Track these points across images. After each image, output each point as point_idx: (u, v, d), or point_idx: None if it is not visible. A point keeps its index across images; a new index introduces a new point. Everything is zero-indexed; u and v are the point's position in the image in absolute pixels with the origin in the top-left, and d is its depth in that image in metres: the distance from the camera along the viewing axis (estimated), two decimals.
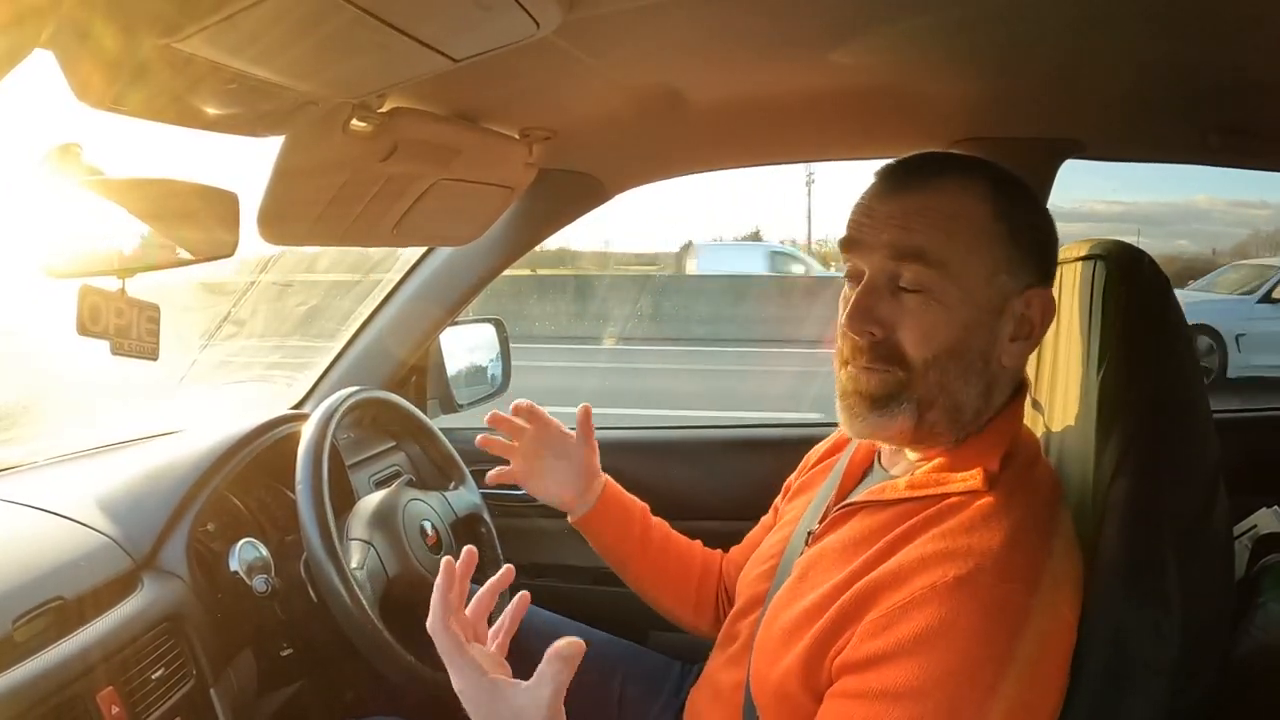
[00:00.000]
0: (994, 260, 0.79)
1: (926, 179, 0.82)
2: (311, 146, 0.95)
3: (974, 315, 0.79)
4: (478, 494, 1.33)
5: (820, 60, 1.04)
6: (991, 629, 0.70)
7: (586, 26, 0.86)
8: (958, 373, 0.80)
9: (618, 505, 1.20)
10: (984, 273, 0.79)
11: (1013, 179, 0.85)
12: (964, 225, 0.79)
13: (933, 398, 0.80)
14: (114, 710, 0.90)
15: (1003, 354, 0.81)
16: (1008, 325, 0.81)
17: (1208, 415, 0.83)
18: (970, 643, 0.70)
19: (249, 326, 2.97)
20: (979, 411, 0.82)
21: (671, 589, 1.21)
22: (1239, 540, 1.18)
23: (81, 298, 0.77)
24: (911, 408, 0.81)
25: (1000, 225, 0.80)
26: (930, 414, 0.81)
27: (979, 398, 0.81)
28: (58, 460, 1.33)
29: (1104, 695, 0.76)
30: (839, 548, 0.85)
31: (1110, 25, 0.93)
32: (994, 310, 0.80)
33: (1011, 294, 0.80)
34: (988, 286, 0.79)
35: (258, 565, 1.12)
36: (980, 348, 0.80)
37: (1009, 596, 0.72)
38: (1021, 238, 0.81)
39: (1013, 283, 0.80)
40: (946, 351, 0.79)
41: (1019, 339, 0.82)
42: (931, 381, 0.80)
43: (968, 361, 0.80)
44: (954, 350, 0.79)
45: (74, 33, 0.58)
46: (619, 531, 1.19)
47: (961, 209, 0.80)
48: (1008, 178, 0.84)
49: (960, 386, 0.80)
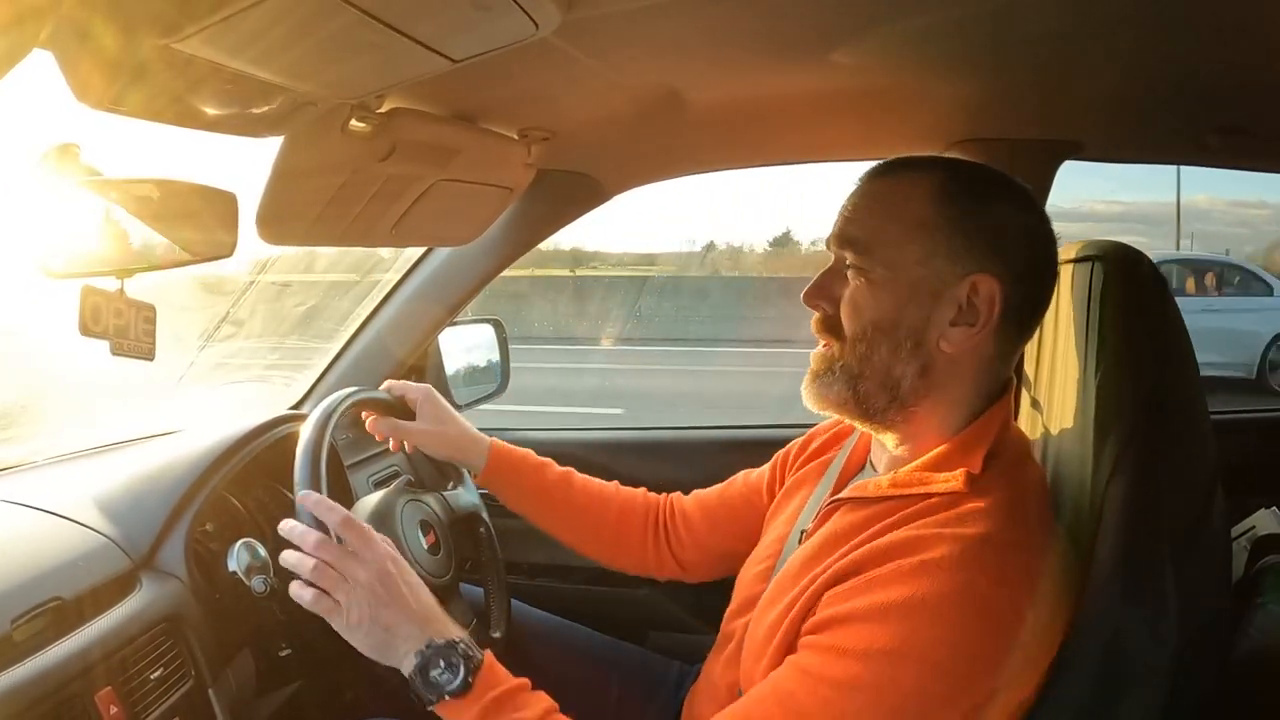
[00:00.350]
0: (931, 244, 0.82)
1: (880, 176, 0.88)
2: (310, 147, 0.95)
3: (903, 293, 0.83)
4: (476, 494, 1.33)
5: (819, 61, 1.04)
6: (949, 612, 0.72)
7: (585, 27, 0.86)
8: (886, 347, 0.84)
9: (507, 464, 1.24)
10: (918, 254, 0.82)
11: (983, 177, 0.87)
12: (900, 212, 0.84)
13: (861, 369, 0.85)
14: (112, 710, 0.90)
15: (940, 337, 0.83)
16: (947, 309, 0.82)
17: (1206, 416, 0.83)
18: (925, 621, 0.72)
19: (247, 327, 2.96)
20: (920, 392, 0.84)
21: (584, 534, 1.26)
22: (1237, 541, 1.18)
23: (84, 298, 0.77)
24: (844, 378, 0.86)
25: (943, 213, 0.83)
26: (862, 385, 0.85)
27: (916, 377, 0.84)
28: (56, 460, 1.33)
29: (1101, 696, 0.76)
30: (820, 543, 0.86)
31: (1109, 27, 0.93)
32: (929, 292, 0.82)
33: (950, 278, 0.82)
34: (920, 268, 0.82)
35: (256, 565, 1.12)
36: (911, 325, 0.83)
37: (973, 585, 0.73)
38: (971, 226, 0.82)
39: (951, 267, 0.82)
40: (874, 325, 0.84)
41: (961, 324, 0.82)
42: (860, 353, 0.84)
43: (896, 338, 0.83)
44: (880, 325, 0.83)
45: (73, 33, 0.58)
46: (514, 487, 1.24)
47: (903, 199, 0.85)
48: (975, 175, 0.87)
49: (891, 361, 0.84)
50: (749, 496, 1.19)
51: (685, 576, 1.25)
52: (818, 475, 1.06)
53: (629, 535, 1.25)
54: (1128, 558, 0.77)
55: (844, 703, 0.73)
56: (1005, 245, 0.83)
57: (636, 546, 1.25)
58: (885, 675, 0.72)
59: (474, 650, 0.86)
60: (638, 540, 1.24)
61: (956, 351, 0.83)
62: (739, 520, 1.17)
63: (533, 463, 1.25)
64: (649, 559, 1.25)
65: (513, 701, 0.85)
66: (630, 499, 1.27)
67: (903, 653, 0.72)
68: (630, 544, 1.25)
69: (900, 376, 0.84)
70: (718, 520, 1.21)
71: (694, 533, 1.22)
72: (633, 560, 1.26)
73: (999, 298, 0.81)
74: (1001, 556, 0.75)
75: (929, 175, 0.85)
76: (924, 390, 0.84)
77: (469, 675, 0.84)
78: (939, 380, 0.84)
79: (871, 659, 0.73)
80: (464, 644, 0.86)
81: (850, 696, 0.73)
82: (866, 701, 0.73)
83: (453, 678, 0.84)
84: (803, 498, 1.05)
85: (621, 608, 1.69)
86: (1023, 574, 0.75)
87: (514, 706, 0.85)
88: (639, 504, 1.26)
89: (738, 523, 1.17)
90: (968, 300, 0.82)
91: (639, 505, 1.26)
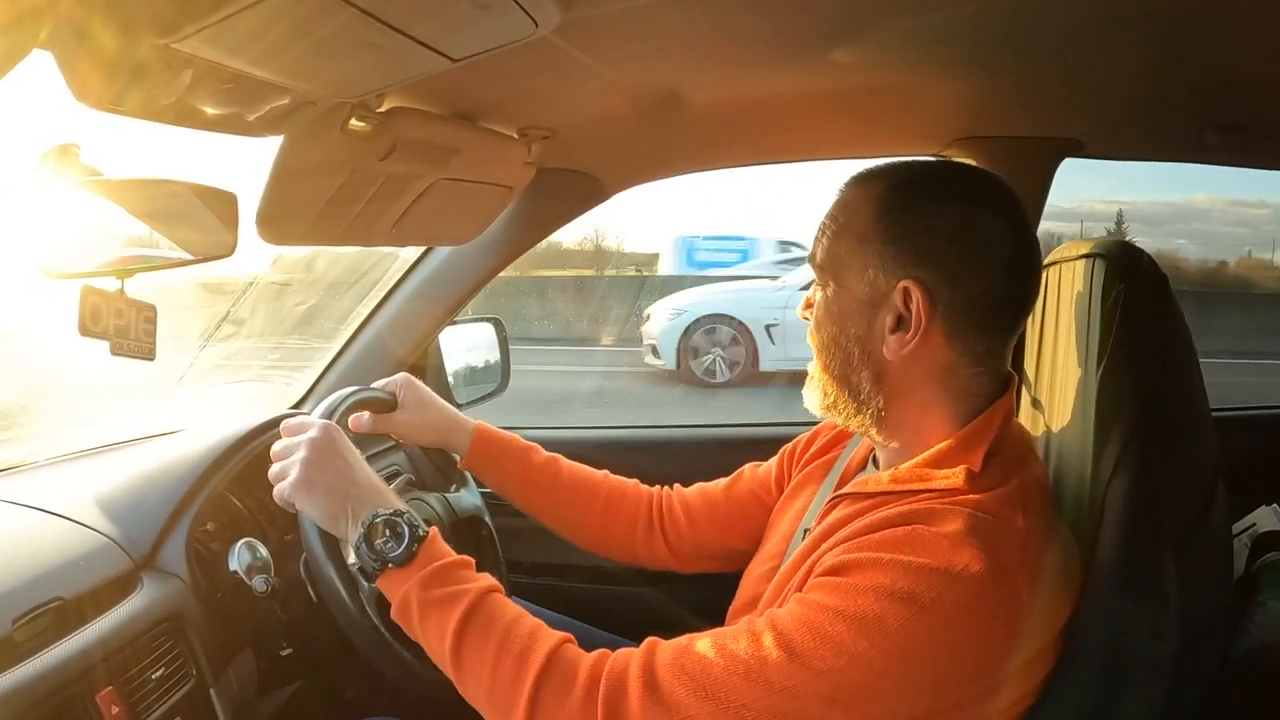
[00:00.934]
0: (866, 256, 0.84)
1: (842, 191, 0.90)
2: (310, 146, 0.95)
3: (849, 307, 0.86)
4: (478, 495, 1.33)
5: (819, 60, 1.04)
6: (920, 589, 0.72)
7: (584, 26, 0.86)
8: (840, 358, 0.87)
9: (493, 447, 1.24)
10: (858, 268, 0.85)
11: (923, 179, 0.87)
12: (846, 228, 0.87)
13: (827, 378, 0.89)
14: (114, 710, 0.90)
15: (882, 345, 0.84)
16: (885, 318, 0.84)
17: (1207, 413, 0.83)
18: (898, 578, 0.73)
19: (248, 326, 2.96)
20: (877, 397, 0.86)
21: (571, 519, 1.26)
22: (1238, 538, 1.18)
23: (83, 298, 0.77)
24: (818, 384, 0.91)
25: (877, 223, 0.84)
26: (831, 391, 0.89)
27: (870, 383, 0.86)
28: (57, 460, 1.33)
29: (1102, 692, 0.76)
30: (819, 537, 0.86)
31: (1109, 25, 0.93)
32: (868, 303, 0.85)
33: (884, 288, 0.83)
34: (860, 281, 0.85)
35: (257, 565, 1.12)
36: (857, 336, 0.86)
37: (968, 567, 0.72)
38: (899, 233, 0.83)
39: (884, 277, 0.83)
40: (829, 338, 0.88)
41: (897, 331, 0.83)
42: (823, 363, 0.89)
43: (845, 349, 0.87)
44: (833, 338, 0.88)
45: (72, 33, 0.58)
46: (499, 471, 1.24)
47: (850, 214, 0.87)
48: (915, 179, 0.87)
49: (845, 370, 0.87)
50: (757, 493, 1.19)
51: (678, 567, 1.25)
52: (822, 474, 1.06)
53: (617, 523, 1.24)
54: (1129, 555, 0.77)
55: (827, 625, 0.73)
56: (935, 247, 0.82)
57: (624, 535, 1.24)
58: (873, 608, 0.72)
59: (419, 523, 0.89)
60: (625, 528, 1.24)
61: (900, 358, 0.84)
62: (746, 518, 1.17)
63: (518, 446, 1.25)
64: (638, 548, 1.24)
65: (455, 574, 0.87)
66: (619, 487, 1.26)
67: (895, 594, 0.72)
68: (618, 532, 1.24)
69: (858, 384, 0.87)
70: (722, 517, 1.20)
71: (695, 525, 1.22)
72: (621, 548, 1.26)
73: (925, 302, 0.81)
74: (999, 539, 0.74)
75: (874, 187, 0.87)
76: (888, 396, 0.86)
77: (412, 544, 0.87)
78: (898, 386, 0.86)
79: (861, 593, 0.73)
80: (409, 515, 0.89)
81: (834, 620, 0.73)
82: (850, 628, 0.72)
83: (396, 546, 0.87)
84: (807, 496, 1.05)
85: (623, 607, 1.69)
86: (1020, 559, 0.74)
87: (456, 580, 0.86)
88: (629, 493, 1.26)
89: (744, 521, 1.17)
90: (904, 306, 0.82)
91: (629, 494, 1.26)
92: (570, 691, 0.78)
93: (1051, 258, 1.01)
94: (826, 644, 0.72)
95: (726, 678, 0.75)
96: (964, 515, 0.76)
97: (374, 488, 0.94)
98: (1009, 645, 0.74)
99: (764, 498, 1.17)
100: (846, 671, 0.71)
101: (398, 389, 1.21)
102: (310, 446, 0.95)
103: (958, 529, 0.74)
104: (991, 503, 0.78)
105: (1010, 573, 0.73)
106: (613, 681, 0.78)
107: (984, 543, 0.73)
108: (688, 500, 1.24)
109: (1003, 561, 0.73)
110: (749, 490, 1.20)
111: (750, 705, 0.73)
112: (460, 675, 0.83)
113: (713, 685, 0.75)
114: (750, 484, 1.20)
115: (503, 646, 0.82)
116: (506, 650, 0.81)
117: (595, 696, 0.77)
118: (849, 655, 0.71)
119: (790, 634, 0.74)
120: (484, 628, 0.84)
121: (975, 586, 0.72)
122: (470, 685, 0.83)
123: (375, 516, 0.88)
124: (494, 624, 0.84)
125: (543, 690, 0.79)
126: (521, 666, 0.80)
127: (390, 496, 0.94)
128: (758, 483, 1.20)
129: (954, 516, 0.76)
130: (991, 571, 0.72)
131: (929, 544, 0.74)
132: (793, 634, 0.74)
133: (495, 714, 0.82)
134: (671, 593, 1.68)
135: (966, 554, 0.73)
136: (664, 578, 1.70)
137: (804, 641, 0.73)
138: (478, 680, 0.82)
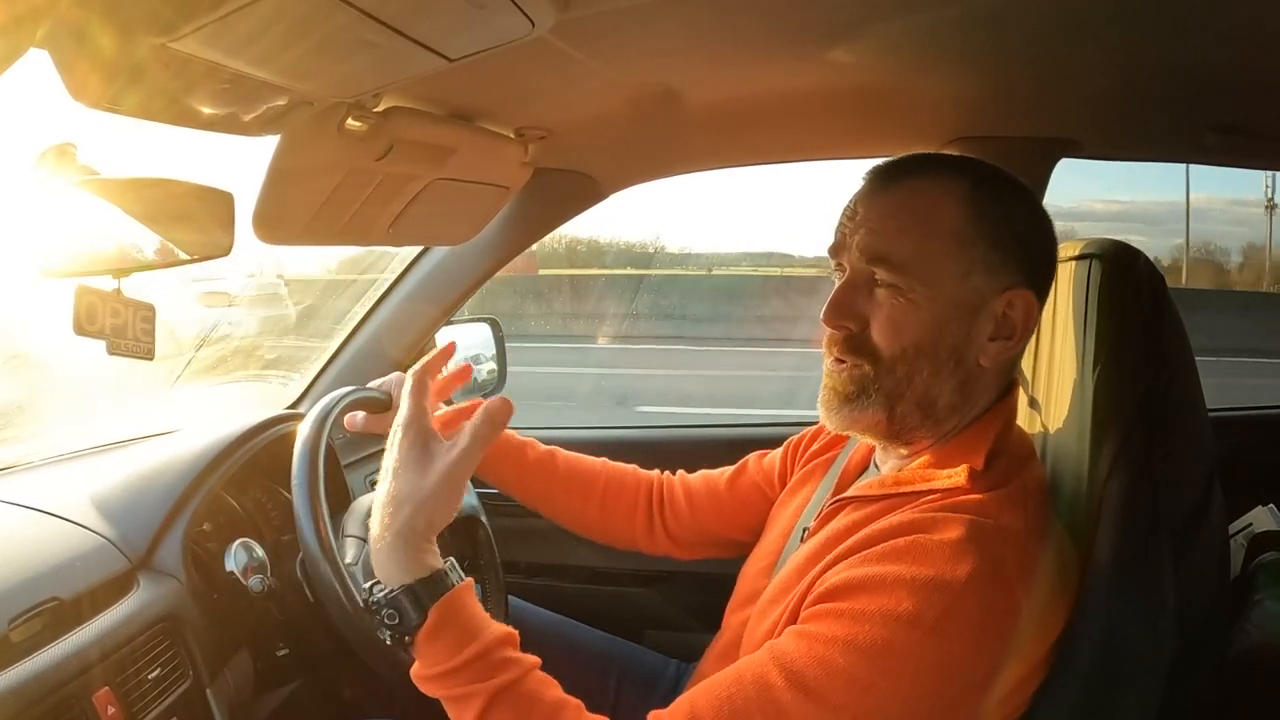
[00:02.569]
0: (969, 260, 0.81)
1: (903, 180, 0.84)
2: (307, 146, 0.95)
3: (945, 313, 0.81)
4: (475, 496, 1.33)
5: (815, 59, 1.04)
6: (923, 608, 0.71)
7: (581, 26, 0.86)
8: (928, 368, 0.82)
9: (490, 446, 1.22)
10: (956, 272, 0.81)
11: (1002, 179, 0.85)
12: (935, 226, 0.81)
13: (901, 391, 0.83)
14: (110, 710, 0.90)
15: (980, 353, 0.82)
16: (985, 325, 0.82)
17: (1204, 413, 0.83)
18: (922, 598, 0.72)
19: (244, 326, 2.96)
20: (954, 408, 0.84)
21: (570, 508, 1.25)
22: (1234, 538, 1.19)
23: (78, 297, 0.77)
24: (881, 400, 0.83)
25: (977, 226, 0.81)
26: (900, 407, 0.84)
27: (954, 393, 0.83)
28: (53, 460, 1.32)
29: (1099, 692, 0.76)
30: (821, 541, 0.86)
31: (1106, 25, 0.94)
32: (968, 309, 0.81)
33: (988, 294, 0.81)
34: (960, 285, 0.81)
35: (254, 565, 1.11)
36: (952, 344, 0.82)
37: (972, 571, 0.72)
38: (1002, 238, 0.81)
39: (989, 283, 0.81)
40: (914, 346, 0.81)
41: (998, 339, 0.82)
42: (899, 375, 0.82)
43: (938, 358, 0.82)
44: (922, 345, 0.81)
45: (69, 32, 0.58)
46: (495, 466, 1.23)
47: (934, 210, 0.82)
48: (995, 177, 0.85)
49: (931, 382, 0.82)
50: (760, 485, 1.19)
51: (678, 554, 1.25)
52: (822, 472, 1.06)
53: (617, 509, 1.24)
54: (1125, 555, 0.78)
55: (838, 659, 0.72)
56: (1033, 255, 0.83)
57: (624, 521, 1.24)
58: (880, 636, 0.71)
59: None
60: (625, 515, 1.24)
61: (992, 365, 0.83)
62: (747, 510, 1.17)
63: (514, 442, 1.24)
64: (638, 534, 1.24)
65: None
66: (618, 474, 1.26)
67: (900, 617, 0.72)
68: (618, 518, 1.24)
69: (938, 395, 0.83)
70: (724, 507, 1.21)
71: (696, 512, 1.22)
72: (620, 535, 1.25)
73: (1035, 310, 0.81)
74: (999, 546, 0.75)
75: (955, 181, 0.83)
76: (958, 405, 0.84)
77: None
78: (973, 395, 0.84)
79: (867, 620, 0.72)
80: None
81: (844, 653, 0.72)
82: (860, 659, 0.72)
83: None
84: (806, 495, 1.05)
85: (620, 606, 1.69)
86: (1019, 565, 0.75)
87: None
88: (628, 479, 1.26)
89: (745, 513, 1.17)
90: (1003, 314, 0.82)
91: (628, 481, 1.26)
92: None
93: None
94: (839, 678, 0.72)
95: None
96: (964, 522, 0.75)
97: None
98: (1009, 651, 0.74)
99: (766, 490, 1.17)
100: (861, 703, 0.72)
101: (393, 389, 1.20)
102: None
103: (958, 536, 0.74)
104: (993, 504, 0.78)
105: (1009, 580, 0.74)
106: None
107: (984, 550, 0.73)
108: (690, 486, 1.24)
109: (1002, 569, 0.73)
110: (752, 482, 1.20)
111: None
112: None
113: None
114: (754, 476, 1.20)
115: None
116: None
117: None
118: (861, 687, 0.71)
119: (802, 672, 0.73)
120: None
121: (977, 597, 0.72)
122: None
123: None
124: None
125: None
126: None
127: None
128: (761, 475, 1.19)
129: (954, 524, 0.75)
130: (992, 580, 0.73)
131: (930, 553, 0.74)
132: (804, 671, 0.73)
133: None
134: (667, 593, 1.69)
135: (967, 563, 0.73)
136: (659, 578, 1.71)
137: (816, 678, 0.73)
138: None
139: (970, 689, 0.73)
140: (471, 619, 0.80)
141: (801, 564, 0.87)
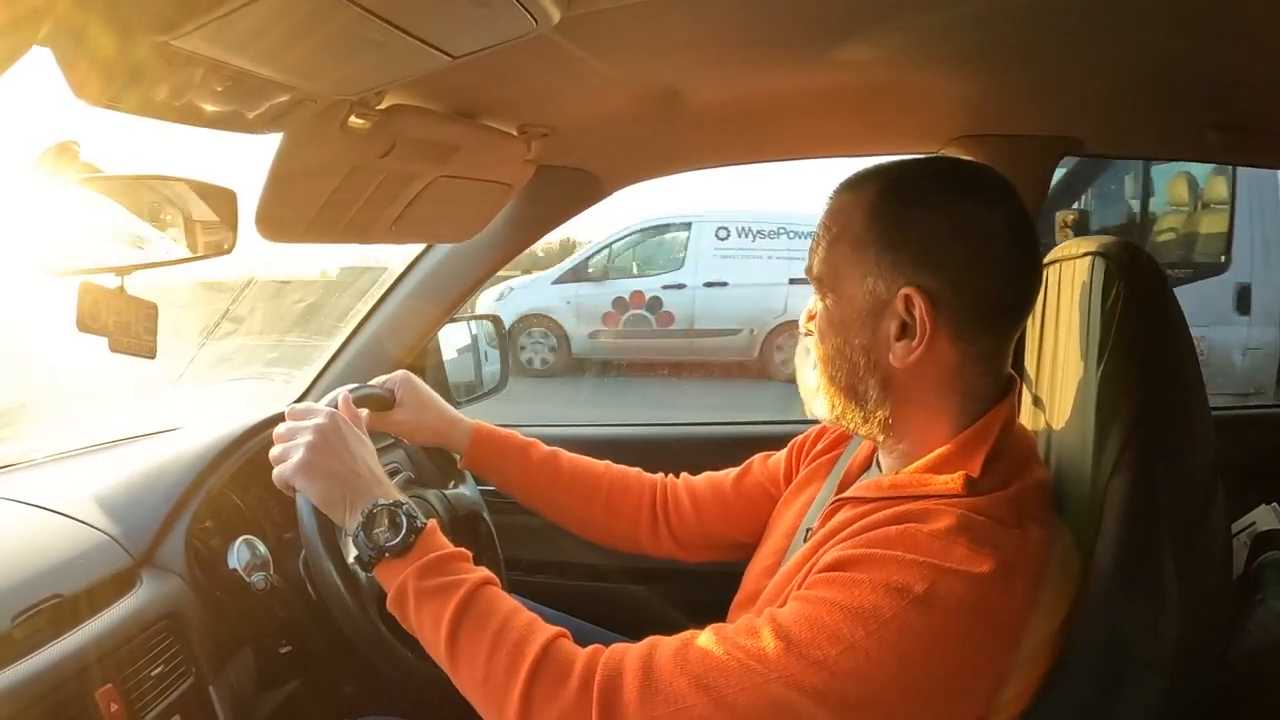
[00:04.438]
0: (865, 265, 0.83)
1: (834, 197, 0.88)
2: (310, 144, 0.95)
3: (851, 317, 0.85)
4: (477, 492, 1.33)
5: (819, 58, 1.04)
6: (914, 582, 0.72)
7: (584, 23, 0.86)
8: (846, 368, 0.86)
9: (491, 445, 1.24)
10: (857, 277, 0.84)
11: (915, 180, 0.86)
12: (841, 235, 0.86)
13: (834, 389, 0.88)
14: (113, 708, 0.90)
15: (889, 353, 0.83)
16: (889, 325, 0.83)
17: (1206, 412, 0.83)
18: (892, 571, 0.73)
19: (247, 324, 2.96)
20: (883, 402, 0.86)
21: (574, 511, 1.26)
22: (1237, 538, 1.18)
23: (81, 295, 0.77)
24: (824, 396, 0.89)
25: (872, 229, 0.83)
26: (838, 402, 0.88)
27: (878, 391, 0.85)
28: (56, 458, 1.33)
29: (1101, 692, 0.76)
30: (821, 540, 0.86)
31: (1109, 23, 0.93)
32: (871, 311, 0.83)
33: (886, 296, 0.82)
34: (861, 290, 0.84)
35: (256, 563, 1.12)
36: (862, 346, 0.85)
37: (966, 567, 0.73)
38: (896, 238, 0.82)
39: (884, 285, 0.82)
40: (833, 349, 0.87)
41: (904, 338, 0.82)
42: (828, 375, 0.88)
43: (850, 360, 0.86)
44: (837, 349, 0.87)
45: (71, 30, 0.58)
46: (499, 469, 1.24)
47: (842, 220, 0.86)
48: (908, 180, 0.86)
49: (852, 380, 0.86)
50: (765, 486, 1.18)
51: (683, 557, 1.24)
52: (825, 472, 1.06)
53: (620, 513, 1.24)
54: (1128, 554, 0.77)
55: (824, 616, 0.73)
56: (933, 250, 0.81)
57: (628, 524, 1.24)
58: (868, 600, 0.73)
59: (417, 515, 0.89)
60: (629, 519, 1.24)
61: (907, 365, 0.83)
62: (752, 512, 1.17)
63: (517, 443, 1.24)
64: (643, 538, 1.24)
65: (452, 565, 0.87)
66: (621, 477, 1.26)
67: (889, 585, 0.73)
68: (622, 521, 1.24)
69: (865, 393, 0.86)
70: (729, 509, 1.20)
71: (701, 515, 1.21)
72: (625, 538, 1.25)
73: (928, 308, 0.81)
74: (992, 538, 0.75)
75: (865, 191, 0.85)
76: (895, 402, 0.86)
77: (410, 534, 0.87)
78: (906, 393, 0.85)
79: (857, 586, 0.74)
80: (409, 506, 0.89)
81: (830, 611, 0.73)
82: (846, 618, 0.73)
83: (394, 535, 0.87)
84: (810, 494, 1.05)
85: (621, 604, 1.69)
86: (1013, 560, 0.75)
87: (453, 570, 0.87)
88: (632, 482, 1.26)
89: (750, 514, 1.17)
90: (907, 314, 0.82)
91: (632, 484, 1.26)
92: (565, 683, 0.78)
93: (1052, 256, 1.00)
94: (823, 634, 0.73)
95: (724, 670, 0.75)
96: (956, 515, 0.76)
97: (375, 478, 0.94)
98: (1002, 645, 0.74)
99: (771, 491, 1.17)
100: (841, 660, 0.72)
101: (396, 387, 1.20)
102: (316, 431, 0.95)
103: (949, 526, 0.75)
104: (987, 506, 0.78)
105: (1003, 572, 0.73)
106: (608, 673, 0.78)
107: (976, 541, 0.74)
108: (695, 489, 1.24)
109: (996, 560, 0.73)
110: (757, 484, 1.20)
111: (747, 696, 0.73)
112: (454, 665, 0.83)
113: (710, 677, 0.75)
114: (759, 477, 1.20)
115: (499, 637, 0.82)
116: (502, 641, 0.81)
117: (590, 688, 0.77)
118: (844, 644, 0.72)
119: (788, 626, 0.75)
120: (480, 618, 0.84)
121: (968, 583, 0.72)
122: (464, 675, 0.83)
123: (375, 506, 0.88)
124: (490, 615, 0.84)
125: (537, 681, 0.79)
126: (516, 657, 0.80)
127: (390, 488, 0.94)
128: (767, 476, 1.19)
129: (946, 516, 0.76)
130: (984, 570, 0.73)
131: (921, 541, 0.75)
132: (790, 626, 0.75)
133: (489, 704, 0.82)
134: (669, 592, 1.68)
135: (958, 552, 0.74)
136: (662, 577, 1.71)
137: (801, 633, 0.74)
138: (471, 670, 0.82)
139: (961, 672, 0.73)
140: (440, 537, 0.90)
141: (800, 561, 0.87)
